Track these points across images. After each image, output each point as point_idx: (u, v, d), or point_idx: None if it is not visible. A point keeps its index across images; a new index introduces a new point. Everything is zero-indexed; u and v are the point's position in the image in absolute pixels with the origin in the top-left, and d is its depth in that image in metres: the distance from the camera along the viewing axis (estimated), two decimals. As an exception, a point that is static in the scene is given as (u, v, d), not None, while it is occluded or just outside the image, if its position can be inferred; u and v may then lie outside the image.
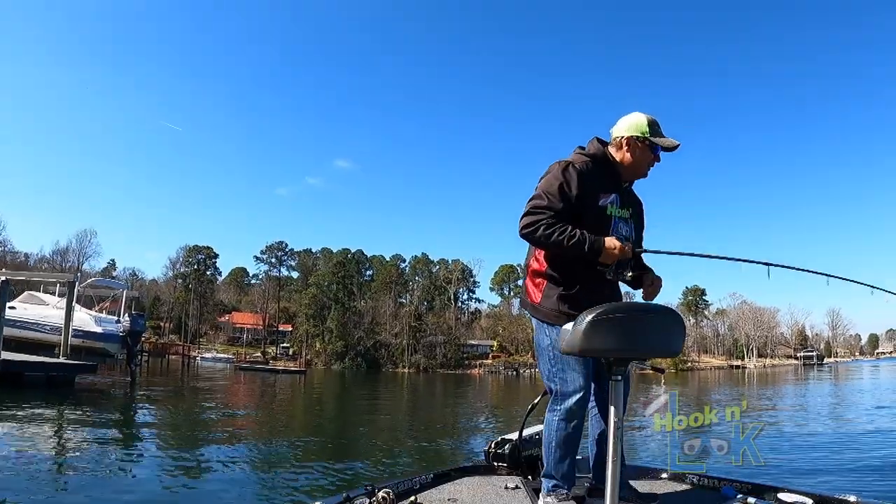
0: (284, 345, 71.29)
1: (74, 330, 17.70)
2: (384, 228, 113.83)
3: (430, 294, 77.07)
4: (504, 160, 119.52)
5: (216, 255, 77.72)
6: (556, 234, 1.94)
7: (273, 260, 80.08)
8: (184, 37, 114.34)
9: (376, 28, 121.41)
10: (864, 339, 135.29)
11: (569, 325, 1.53)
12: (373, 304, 70.79)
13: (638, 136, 2.13)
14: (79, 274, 21.40)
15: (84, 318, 19.00)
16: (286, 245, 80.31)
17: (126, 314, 20.65)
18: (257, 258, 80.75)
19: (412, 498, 1.95)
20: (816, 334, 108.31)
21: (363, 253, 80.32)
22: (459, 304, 79.60)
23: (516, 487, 2.24)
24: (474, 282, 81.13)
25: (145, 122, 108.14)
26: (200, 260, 75.84)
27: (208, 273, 77.11)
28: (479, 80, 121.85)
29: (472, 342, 71.72)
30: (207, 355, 58.19)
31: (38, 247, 62.77)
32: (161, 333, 67.02)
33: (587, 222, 2.01)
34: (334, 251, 78.46)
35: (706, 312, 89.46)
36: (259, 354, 64.98)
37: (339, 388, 30.34)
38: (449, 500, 2.04)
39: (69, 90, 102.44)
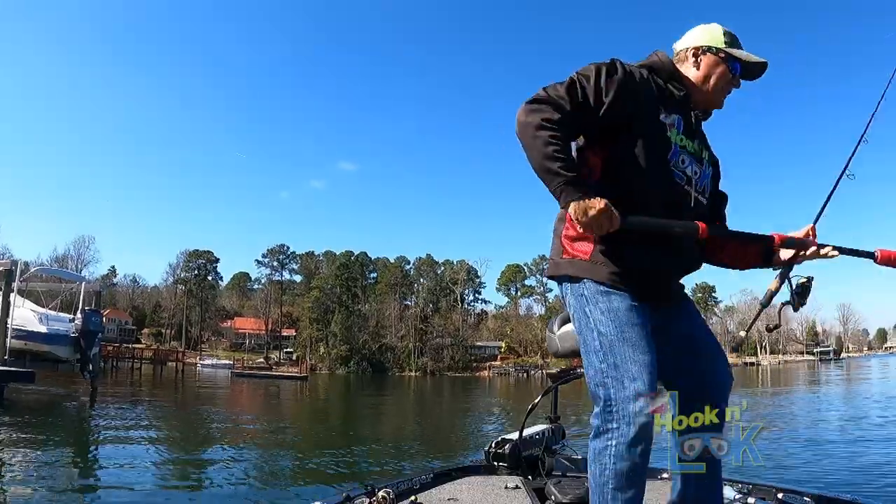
0: (288, 350, 70.18)
1: (15, 329, 14.81)
2: (388, 230, 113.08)
3: (435, 296, 75.80)
4: (508, 160, 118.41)
5: (217, 260, 76.88)
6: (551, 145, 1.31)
7: (275, 264, 79.21)
8: (183, 45, 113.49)
9: (380, 29, 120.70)
10: (872, 334, 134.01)
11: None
12: (377, 306, 69.72)
13: (710, 47, 1.52)
14: (21, 262, 17.54)
15: (26, 316, 15.90)
16: (288, 248, 79.41)
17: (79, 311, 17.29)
18: (259, 262, 79.88)
19: (412, 498, 1.96)
20: (825, 329, 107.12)
21: (367, 255, 79.34)
22: (466, 305, 78.43)
23: (516, 487, 2.21)
24: (480, 282, 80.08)
25: (148, 129, 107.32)
26: (201, 265, 74.84)
27: (209, 278, 76.09)
28: (485, 82, 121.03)
29: (480, 344, 70.46)
30: (207, 362, 57.22)
31: (35, 254, 61.48)
32: (163, 340, 65.94)
33: (641, 140, 1.39)
34: (337, 254, 77.42)
35: (715, 309, 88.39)
36: (262, 360, 63.80)
37: (342, 396, 29.06)
38: (449, 499, 2.04)
39: (69, 100, 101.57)
